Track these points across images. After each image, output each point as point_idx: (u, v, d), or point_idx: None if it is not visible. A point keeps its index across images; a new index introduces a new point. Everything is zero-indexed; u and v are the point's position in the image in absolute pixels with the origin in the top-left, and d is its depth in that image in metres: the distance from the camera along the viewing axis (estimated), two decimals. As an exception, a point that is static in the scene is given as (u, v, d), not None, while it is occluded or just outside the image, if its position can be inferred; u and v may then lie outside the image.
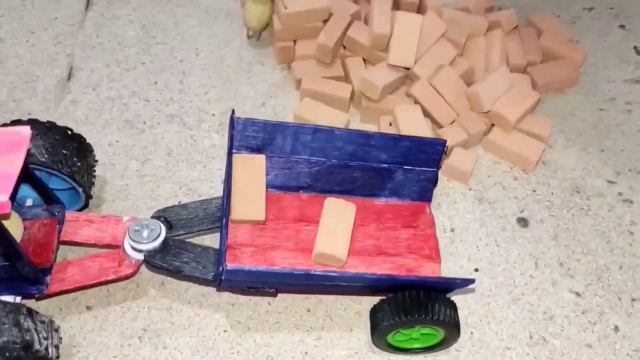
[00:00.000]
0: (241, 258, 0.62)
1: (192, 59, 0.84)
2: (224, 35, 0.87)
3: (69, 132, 0.64)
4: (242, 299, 0.64)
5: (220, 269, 0.56)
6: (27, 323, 0.53)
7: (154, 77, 0.81)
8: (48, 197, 0.62)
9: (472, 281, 0.59)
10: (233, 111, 0.64)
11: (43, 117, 0.66)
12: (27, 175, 0.58)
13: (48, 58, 0.82)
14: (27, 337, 0.52)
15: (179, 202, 0.66)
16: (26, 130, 0.53)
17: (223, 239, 0.58)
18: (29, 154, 0.52)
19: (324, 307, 0.64)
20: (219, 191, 0.70)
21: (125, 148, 0.74)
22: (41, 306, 0.62)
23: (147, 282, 0.64)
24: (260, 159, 0.65)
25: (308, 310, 0.64)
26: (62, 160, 0.61)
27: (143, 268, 0.64)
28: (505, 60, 0.81)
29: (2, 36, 0.85)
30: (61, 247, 0.63)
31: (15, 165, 0.50)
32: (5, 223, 0.53)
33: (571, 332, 0.63)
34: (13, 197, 0.50)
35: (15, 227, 0.56)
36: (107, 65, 0.82)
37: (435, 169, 0.67)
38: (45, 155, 0.61)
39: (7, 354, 0.51)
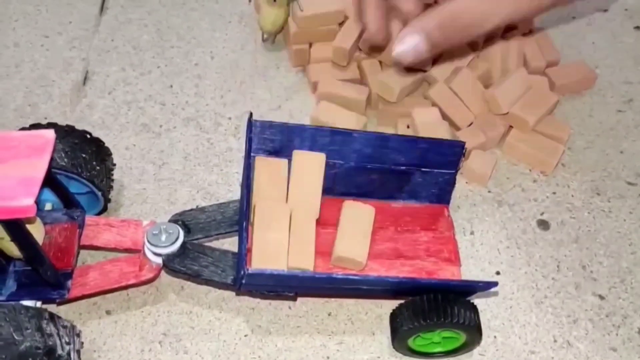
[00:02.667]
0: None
1: (207, 62, 0.83)
2: (239, 38, 0.87)
3: (88, 136, 0.64)
4: (263, 303, 0.63)
5: (241, 272, 0.56)
6: (50, 328, 0.53)
7: (170, 80, 0.81)
8: (68, 201, 0.61)
9: (495, 284, 0.58)
10: (251, 114, 0.64)
11: (59, 122, 0.66)
12: (47, 179, 0.58)
13: (63, 62, 0.82)
14: (50, 342, 0.52)
15: (197, 206, 0.66)
16: (50, 134, 0.53)
17: (243, 243, 0.57)
18: (52, 158, 0.52)
19: (345, 311, 0.63)
20: (236, 195, 0.70)
21: (142, 152, 0.74)
22: (61, 311, 0.62)
23: (166, 286, 0.64)
24: (282, 163, 0.65)
25: (329, 314, 0.63)
26: (81, 164, 0.61)
27: (162, 272, 0.63)
28: (522, 62, 0.80)
29: (17, 41, 0.84)
30: (80, 251, 0.62)
31: (39, 168, 0.50)
32: (29, 227, 0.52)
33: (595, 336, 0.63)
34: (36, 201, 0.49)
35: (37, 231, 0.56)
36: (123, 69, 0.82)
37: (453, 171, 0.67)
38: (65, 159, 0.60)
39: (30, 359, 0.51)
